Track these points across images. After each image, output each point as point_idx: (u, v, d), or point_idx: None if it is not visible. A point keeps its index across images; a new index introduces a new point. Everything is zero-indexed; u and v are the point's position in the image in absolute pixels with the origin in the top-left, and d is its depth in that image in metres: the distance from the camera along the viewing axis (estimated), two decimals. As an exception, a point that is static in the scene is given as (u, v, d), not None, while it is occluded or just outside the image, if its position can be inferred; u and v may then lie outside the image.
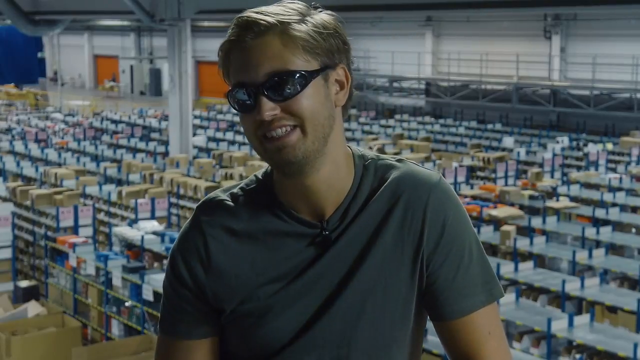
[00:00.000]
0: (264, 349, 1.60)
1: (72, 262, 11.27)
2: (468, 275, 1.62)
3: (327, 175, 1.58)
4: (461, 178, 16.81)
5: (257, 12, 1.53)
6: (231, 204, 1.63)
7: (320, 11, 1.59)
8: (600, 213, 13.74)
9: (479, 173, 18.53)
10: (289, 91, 1.51)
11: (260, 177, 1.66)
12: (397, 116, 29.08)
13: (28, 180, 17.13)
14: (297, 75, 1.51)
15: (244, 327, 1.61)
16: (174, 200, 15.17)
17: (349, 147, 1.64)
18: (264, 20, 1.51)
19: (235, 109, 1.56)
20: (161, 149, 21.58)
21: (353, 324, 1.58)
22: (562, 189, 15.77)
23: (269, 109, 1.51)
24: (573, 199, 15.09)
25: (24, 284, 12.04)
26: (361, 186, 1.61)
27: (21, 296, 11.45)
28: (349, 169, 1.61)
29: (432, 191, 1.60)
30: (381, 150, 19.52)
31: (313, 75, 1.53)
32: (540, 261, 11.66)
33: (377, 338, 1.60)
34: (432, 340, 8.28)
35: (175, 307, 1.66)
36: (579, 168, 19.45)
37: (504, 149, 21.07)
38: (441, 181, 1.62)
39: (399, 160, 1.66)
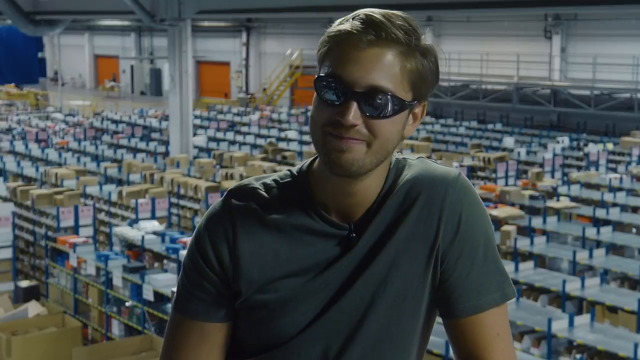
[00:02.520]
0: (273, 340, 1.61)
1: (73, 262, 11.28)
2: (482, 272, 1.61)
3: (368, 183, 1.59)
4: (461, 178, 16.80)
5: (386, 18, 1.51)
6: (264, 193, 1.63)
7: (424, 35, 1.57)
8: (600, 213, 13.74)
9: (480, 173, 18.53)
10: (379, 112, 1.51)
11: (295, 173, 1.66)
12: (398, 116, 29.07)
13: (28, 180, 17.13)
14: (396, 102, 1.51)
15: (257, 318, 1.61)
16: (174, 200, 15.18)
17: None
18: (393, 34, 1.50)
19: (318, 93, 1.54)
20: (161, 149, 21.58)
21: (361, 317, 1.59)
22: (562, 189, 15.77)
23: (355, 118, 1.50)
24: (573, 199, 15.09)
25: (24, 283, 12.04)
26: (384, 188, 1.63)
27: (21, 296, 11.46)
28: (383, 178, 1.63)
29: (449, 187, 1.61)
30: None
31: (407, 106, 1.54)
32: (540, 261, 11.67)
33: (385, 331, 1.61)
34: (433, 340, 8.29)
35: (195, 286, 1.64)
36: (579, 168, 19.45)
37: (504, 149, 21.07)
38: (460, 177, 1.63)
39: (417, 159, 1.67)
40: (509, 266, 10.87)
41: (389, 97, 1.50)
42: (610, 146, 21.18)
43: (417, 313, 1.62)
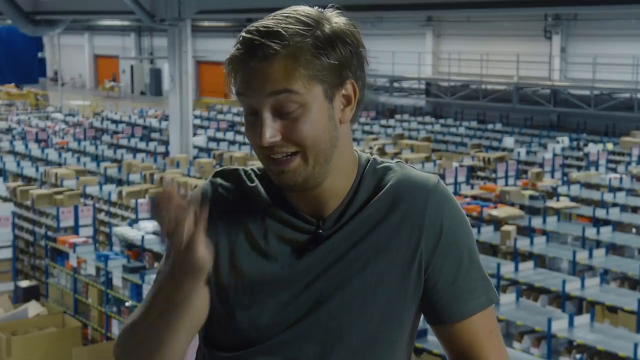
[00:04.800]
0: (243, 335, 1.59)
1: (73, 262, 11.28)
2: (468, 278, 1.62)
3: (330, 184, 1.59)
4: (461, 178, 16.81)
5: (263, 33, 1.50)
6: (245, 179, 1.66)
7: (336, 13, 1.56)
8: (600, 213, 13.74)
9: (480, 173, 18.53)
10: (289, 112, 1.50)
11: None
12: (398, 116, 29.09)
13: (28, 180, 17.13)
14: (299, 99, 1.50)
15: (225, 310, 1.60)
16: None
17: (355, 151, 1.65)
18: (269, 47, 1.49)
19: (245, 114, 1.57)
20: (161, 149, 21.58)
21: (340, 321, 1.58)
22: (562, 189, 15.77)
23: (270, 135, 1.50)
24: (573, 199, 15.09)
25: (24, 284, 12.04)
26: (360, 189, 1.62)
27: (21, 296, 11.46)
28: (352, 174, 1.62)
29: (430, 194, 1.61)
30: (381, 150, 19.53)
31: (316, 100, 1.51)
32: (540, 261, 11.67)
33: (365, 337, 1.59)
34: (432, 340, 8.28)
35: None
36: (579, 168, 19.46)
37: (504, 149, 21.07)
38: (439, 184, 1.63)
39: (396, 163, 1.66)
40: (509, 266, 10.88)
41: (288, 96, 1.49)
42: (610, 146, 21.18)
43: (401, 320, 1.62)
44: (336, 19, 1.55)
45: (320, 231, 1.59)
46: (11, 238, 13.05)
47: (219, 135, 24.19)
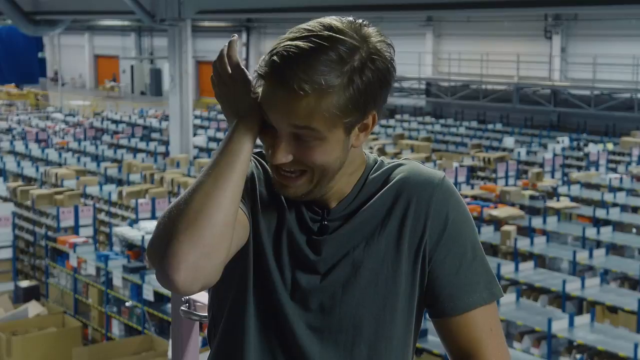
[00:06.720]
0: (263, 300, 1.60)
1: (73, 262, 11.29)
2: (471, 271, 1.63)
3: (336, 188, 1.62)
4: (462, 178, 16.81)
5: (298, 66, 1.47)
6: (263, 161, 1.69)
7: (374, 31, 1.55)
8: (600, 213, 13.75)
9: (480, 173, 18.53)
10: (307, 141, 1.52)
11: None
12: (398, 116, 29.08)
13: (28, 180, 17.14)
14: (319, 135, 1.51)
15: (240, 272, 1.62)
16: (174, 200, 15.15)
17: (364, 152, 1.66)
18: (301, 87, 1.47)
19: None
20: (162, 149, 21.58)
21: (353, 313, 1.60)
22: (562, 189, 15.77)
23: (282, 156, 1.53)
24: (573, 199, 15.10)
25: (24, 284, 12.06)
26: (366, 185, 1.64)
27: (22, 296, 11.47)
28: (358, 175, 1.65)
29: (435, 189, 1.63)
30: (381, 150, 19.54)
31: (335, 135, 1.53)
32: (540, 261, 11.68)
33: (378, 328, 1.61)
34: (432, 340, 8.30)
35: None
36: (579, 168, 19.46)
37: (504, 149, 21.07)
38: (445, 180, 1.65)
39: (404, 160, 1.69)
40: (509, 266, 10.89)
41: (307, 131, 1.50)
42: (610, 146, 21.18)
43: (409, 312, 1.63)
44: (374, 39, 1.54)
45: (325, 222, 1.62)
46: (11, 238, 13.06)
47: (219, 135, 24.17)
